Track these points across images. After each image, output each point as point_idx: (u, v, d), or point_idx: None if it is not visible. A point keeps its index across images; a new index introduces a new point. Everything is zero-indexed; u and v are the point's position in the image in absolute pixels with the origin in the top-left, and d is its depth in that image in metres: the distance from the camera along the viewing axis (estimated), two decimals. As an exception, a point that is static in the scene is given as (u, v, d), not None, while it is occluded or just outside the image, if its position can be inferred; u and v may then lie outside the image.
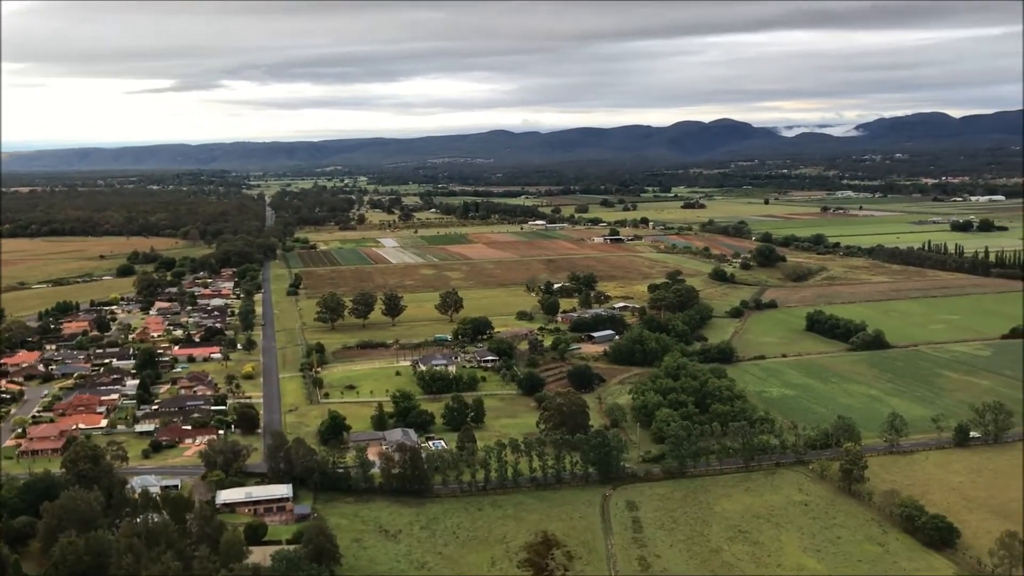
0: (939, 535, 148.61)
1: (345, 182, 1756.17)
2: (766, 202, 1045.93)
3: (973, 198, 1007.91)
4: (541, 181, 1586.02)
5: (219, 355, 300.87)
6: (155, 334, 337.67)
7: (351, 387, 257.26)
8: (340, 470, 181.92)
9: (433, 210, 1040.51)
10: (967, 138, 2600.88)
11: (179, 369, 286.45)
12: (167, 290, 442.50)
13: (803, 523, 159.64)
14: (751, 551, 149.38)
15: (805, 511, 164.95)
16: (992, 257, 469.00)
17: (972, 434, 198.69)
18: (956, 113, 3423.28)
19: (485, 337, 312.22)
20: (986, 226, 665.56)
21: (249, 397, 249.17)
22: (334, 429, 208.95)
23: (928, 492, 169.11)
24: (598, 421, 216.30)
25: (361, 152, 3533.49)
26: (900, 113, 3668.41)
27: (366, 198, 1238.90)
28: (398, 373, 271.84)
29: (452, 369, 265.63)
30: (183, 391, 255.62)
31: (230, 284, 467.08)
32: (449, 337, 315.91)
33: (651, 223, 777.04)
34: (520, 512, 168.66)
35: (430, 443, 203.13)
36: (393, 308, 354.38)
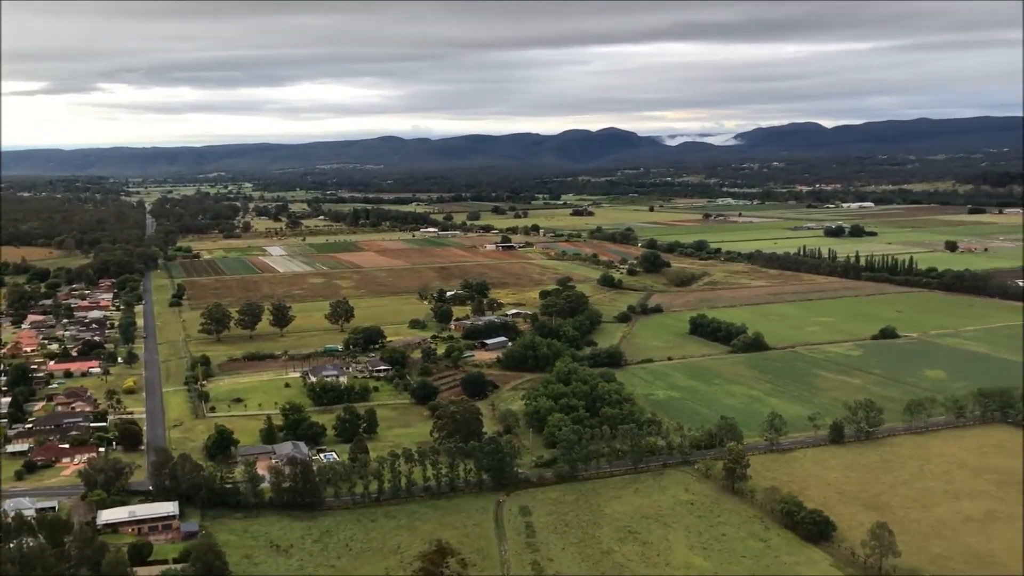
0: (816, 529, 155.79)
1: (229, 188, 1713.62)
2: (651, 209, 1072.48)
3: (845, 205, 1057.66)
4: (432, 188, 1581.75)
5: (98, 369, 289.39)
6: (28, 349, 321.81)
7: (239, 400, 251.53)
8: (228, 485, 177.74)
9: (322, 217, 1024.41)
10: (839, 147, 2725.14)
11: (55, 385, 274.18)
12: (41, 302, 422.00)
13: (690, 522, 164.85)
14: (640, 551, 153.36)
15: (691, 510, 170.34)
16: (863, 261, 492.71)
17: (846, 431, 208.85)
18: (828, 123, 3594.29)
19: (377, 346, 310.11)
20: (857, 231, 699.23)
21: (131, 413, 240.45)
22: (221, 444, 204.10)
23: (806, 488, 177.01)
24: (492, 428, 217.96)
25: (246, 158, 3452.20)
26: (777, 123, 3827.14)
27: (252, 205, 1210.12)
28: (287, 385, 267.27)
29: (343, 380, 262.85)
30: (60, 408, 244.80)
31: (109, 295, 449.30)
32: (340, 347, 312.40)
33: (542, 230, 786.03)
34: (414, 522, 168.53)
35: (322, 455, 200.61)
36: (281, 318, 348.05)
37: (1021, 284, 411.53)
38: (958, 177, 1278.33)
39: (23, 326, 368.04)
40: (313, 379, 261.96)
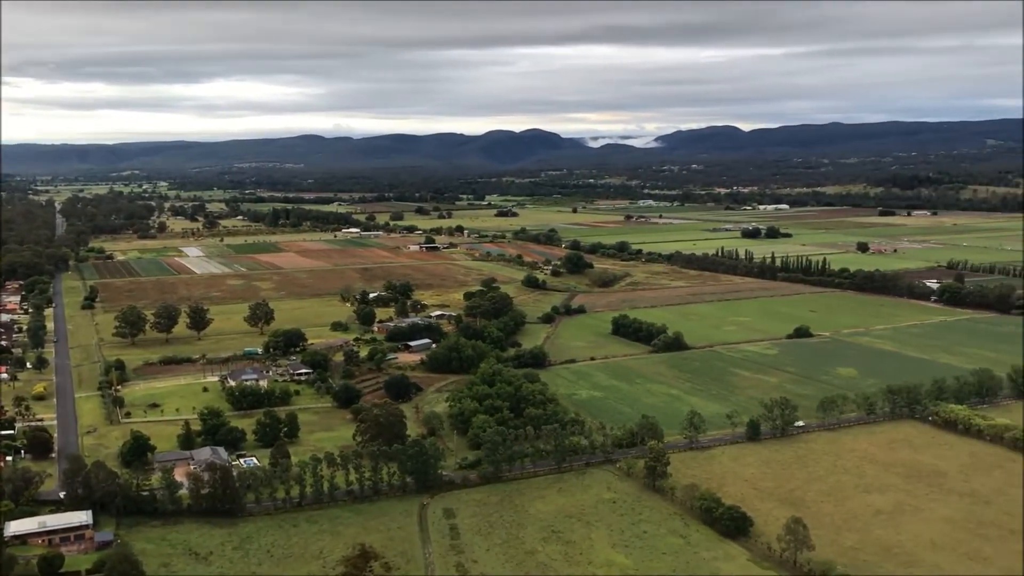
0: (734, 525, 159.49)
1: (144, 187, 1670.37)
2: (574, 210, 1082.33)
3: (761, 207, 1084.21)
4: (354, 188, 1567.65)
5: (5, 375, 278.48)
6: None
7: (155, 405, 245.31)
8: (145, 493, 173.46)
9: (240, 217, 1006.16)
10: (756, 150, 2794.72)
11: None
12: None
13: (612, 520, 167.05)
14: (564, 550, 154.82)
15: (614, 508, 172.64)
16: (778, 262, 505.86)
17: (762, 428, 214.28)
18: (746, 127, 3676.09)
19: (298, 349, 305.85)
20: (772, 233, 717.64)
21: (41, 420, 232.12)
22: (137, 450, 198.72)
23: (724, 484, 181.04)
24: (416, 430, 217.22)
25: (162, 156, 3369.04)
26: (696, 126, 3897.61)
27: (167, 205, 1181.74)
28: (206, 389, 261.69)
29: (264, 383, 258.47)
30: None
31: (17, 298, 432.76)
32: (260, 350, 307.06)
33: (466, 231, 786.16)
34: (337, 526, 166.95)
35: (242, 461, 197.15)
36: (199, 321, 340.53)
37: (928, 284, 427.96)
38: (869, 180, 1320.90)
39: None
40: (232, 383, 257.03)
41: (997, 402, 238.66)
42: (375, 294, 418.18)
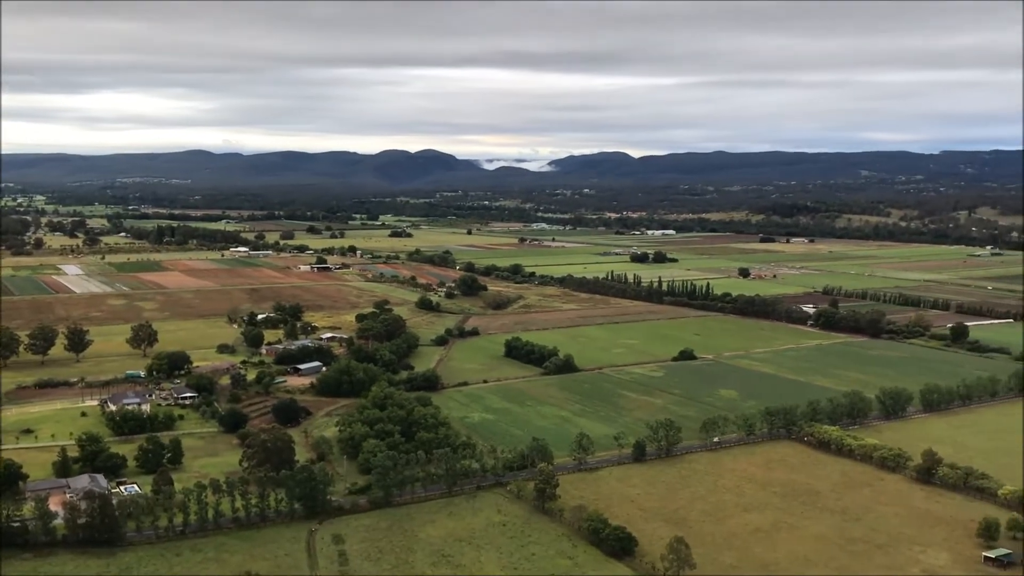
0: (620, 545, 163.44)
1: (19, 201, 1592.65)
2: (469, 232, 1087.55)
3: (649, 232, 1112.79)
4: (244, 205, 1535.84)
5: None
6: None
7: (28, 431, 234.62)
8: (16, 524, 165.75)
9: (123, 234, 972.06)
10: (645, 176, 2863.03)
11: None
12: None
13: (501, 543, 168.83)
14: (453, 574, 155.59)
15: (503, 531, 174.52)
16: (665, 286, 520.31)
17: (648, 449, 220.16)
18: (635, 153, 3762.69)
19: (183, 372, 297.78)
20: (660, 257, 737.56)
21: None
22: (8, 479, 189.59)
23: (611, 505, 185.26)
24: (305, 455, 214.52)
25: (39, 168, 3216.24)
26: (588, 151, 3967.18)
27: (45, 220, 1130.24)
28: (84, 414, 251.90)
29: (146, 408, 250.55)
30: None
31: None
32: (143, 373, 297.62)
33: (359, 251, 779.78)
34: (222, 554, 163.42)
35: (122, 488, 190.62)
36: (77, 343, 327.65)
37: (805, 309, 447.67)
38: (751, 208, 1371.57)
39: None
40: (113, 407, 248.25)
41: (867, 422, 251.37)
42: (264, 315, 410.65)
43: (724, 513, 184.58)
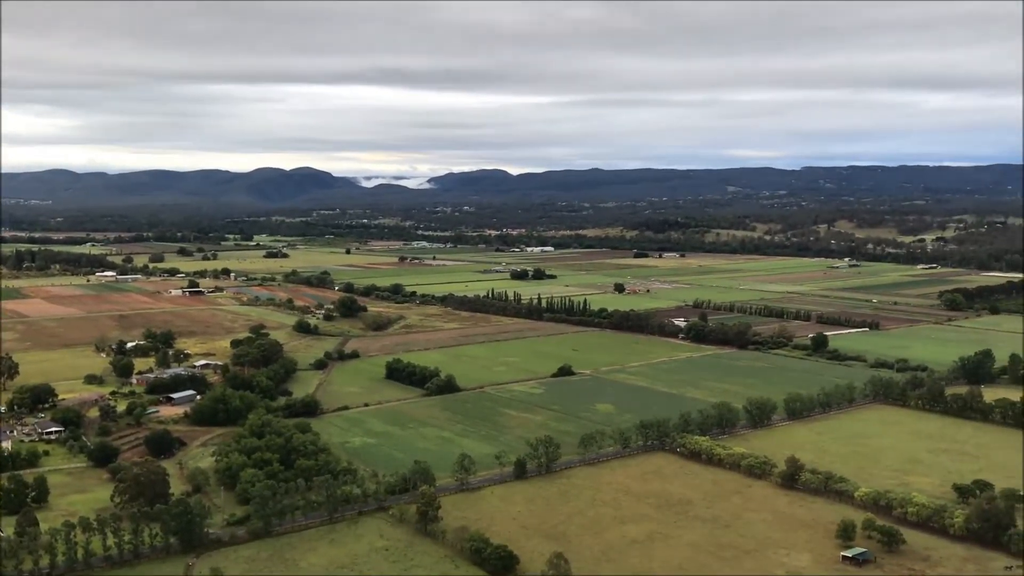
0: (502, 563, 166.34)
1: None
2: (348, 251, 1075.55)
3: (529, 248, 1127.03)
4: (110, 227, 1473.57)
5: None
6: None
7: None
8: None
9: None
10: (523, 193, 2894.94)
11: None
12: None
13: (384, 568, 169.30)
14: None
15: (386, 556, 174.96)
16: (544, 303, 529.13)
17: (528, 466, 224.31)
18: (514, 171, 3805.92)
19: (48, 406, 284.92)
20: (539, 274, 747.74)
21: None
22: None
23: (493, 524, 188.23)
24: (180, 488, 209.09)
25: None
26: (467, 169, 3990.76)
27: None
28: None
29: (7, 445, 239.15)
30: None
31: None
32: (3, 408, 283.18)
33: (233, 274, 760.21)
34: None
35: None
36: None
37: (676, 322, 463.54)
38: (626, 224, 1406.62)
39: None
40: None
41: (735, 432, 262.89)
42: (134, 343, 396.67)
43: (602, 526, 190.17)
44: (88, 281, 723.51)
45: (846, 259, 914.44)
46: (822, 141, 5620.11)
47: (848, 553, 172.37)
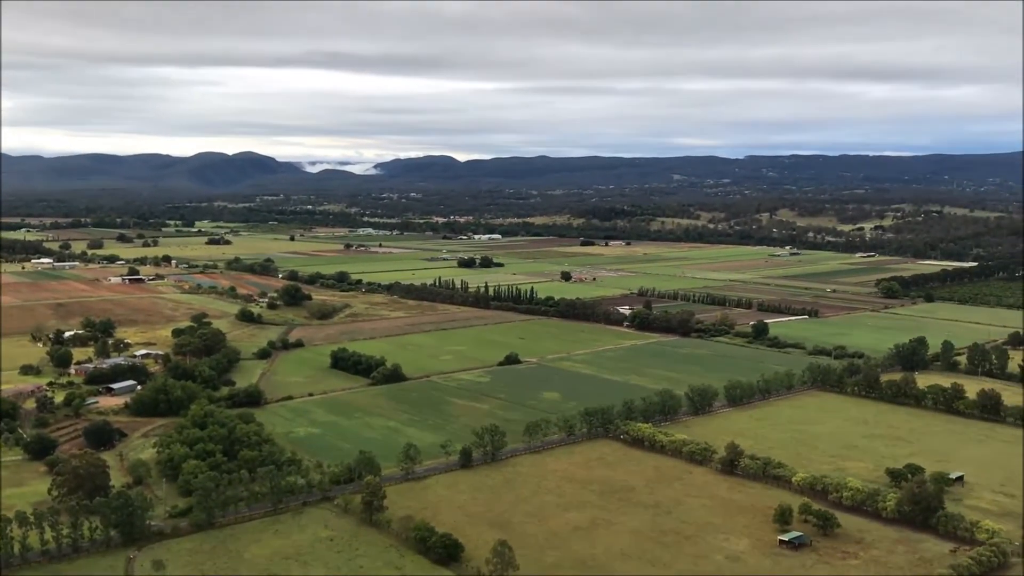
0: (447, 552, 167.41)
1: None
2: (292, 238, 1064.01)
3: (476, 236, 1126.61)
4: (46, 212, 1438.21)
5: None
6: None
7: None
8: None
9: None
10: (471, 180, 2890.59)
11: None
12: None
13: (329, 558, 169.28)
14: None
15: (331, 546, 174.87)
16: (491, 291, 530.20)
17: (474, 455, 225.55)
18: (461, 157, 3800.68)
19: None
20: (487, 262, 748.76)
21: None
22: None
23: (439, 513, 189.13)
24: (120, 480, 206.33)
25: None
26: (414, 155, 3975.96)
27: None
28: None
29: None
30: None
31: None
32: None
33: (174, 261, 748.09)
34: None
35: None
36: None
37: (622, 310, 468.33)
38: (573, 211, 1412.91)
39: None
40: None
41: (677, 418, 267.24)
42: (71, 333, 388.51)
43: (546, 513, 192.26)
44: (23, 268, 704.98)
45: (787, 247, 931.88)
46: (765, 130, 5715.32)
47: (785, 537, 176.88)
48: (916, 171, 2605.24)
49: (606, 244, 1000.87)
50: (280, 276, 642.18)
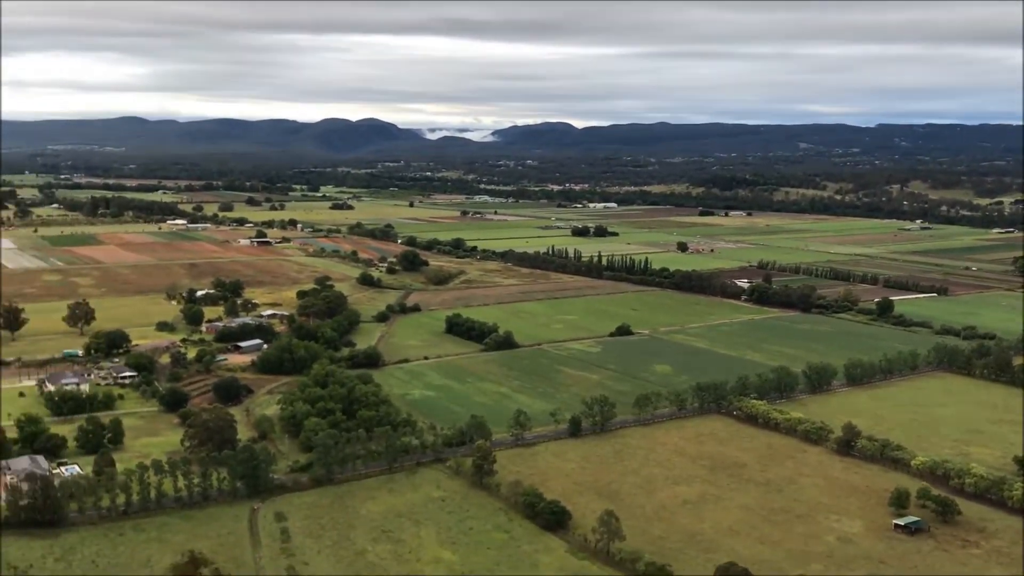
0: (555, 518, 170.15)
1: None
2: (411, 204, 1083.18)
3: (591, 205, 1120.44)
4: (180, 175, 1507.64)
5: None
6: None
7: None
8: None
9: (56, 206, 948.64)
10: (588, 147, 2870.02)
11: None
12: None
13: (440, 518, 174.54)
14: (393, 549, 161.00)
15: (442, 506, 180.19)
16: (604, 261, 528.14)
17: (583, 425, 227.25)
18: (579, 124, 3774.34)
19: (122, 351, 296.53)
20: (601, 231, 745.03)
21: None
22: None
23: (547, 480, 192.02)
24: (246, 434, 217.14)
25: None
26: (531, 121, 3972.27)
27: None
28: (22, 394, 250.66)
29: (85, 387, 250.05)
30: None
31: None
32: (81, 352, 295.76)
33: (300, 224, 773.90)
34: (165, 534, 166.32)
35: (63, 469, 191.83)
36: (12, 321, 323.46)
37: (739, 283, 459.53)
38: (692, 180, 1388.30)
39: None
40: (51, 387, 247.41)
41: (793, 396, 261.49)
42: (203, 292, 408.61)
43: (654, 486, 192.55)
44: (160, 229, 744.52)
45: (918, 221, 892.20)
46: (899, 98, 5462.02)
47: (901, 521, 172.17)
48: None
49: (726, 214, 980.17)
50: (399, 241, 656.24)
